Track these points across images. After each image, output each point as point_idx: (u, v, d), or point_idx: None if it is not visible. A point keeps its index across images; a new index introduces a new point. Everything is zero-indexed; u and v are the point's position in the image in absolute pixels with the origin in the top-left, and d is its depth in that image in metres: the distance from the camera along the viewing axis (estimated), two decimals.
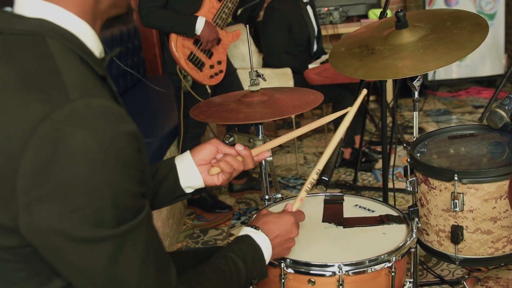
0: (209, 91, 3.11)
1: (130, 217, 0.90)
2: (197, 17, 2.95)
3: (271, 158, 1.91)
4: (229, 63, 3.32)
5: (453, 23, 1.81)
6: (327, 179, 1.65)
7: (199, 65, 3.04)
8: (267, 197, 1.93)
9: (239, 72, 3.42)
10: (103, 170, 0.85)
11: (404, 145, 1.87)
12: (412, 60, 1.68)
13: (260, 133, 1.86)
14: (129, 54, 4.42)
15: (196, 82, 3.06)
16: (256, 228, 1.31)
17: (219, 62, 3.13)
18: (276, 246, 1.32)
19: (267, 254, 1.28)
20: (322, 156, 1.51)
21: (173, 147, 3.31)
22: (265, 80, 1.89)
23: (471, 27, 1.76)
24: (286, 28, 3.81)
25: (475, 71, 5.38)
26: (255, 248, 1.26)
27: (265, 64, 4.03)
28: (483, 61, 5.33)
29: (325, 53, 4.10)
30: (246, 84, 3.43)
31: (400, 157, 3.89)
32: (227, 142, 1.90)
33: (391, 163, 2.92)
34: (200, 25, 2.95)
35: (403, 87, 4.56)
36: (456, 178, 1.55)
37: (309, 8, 3.94)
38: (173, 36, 2.97)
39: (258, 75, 1.87)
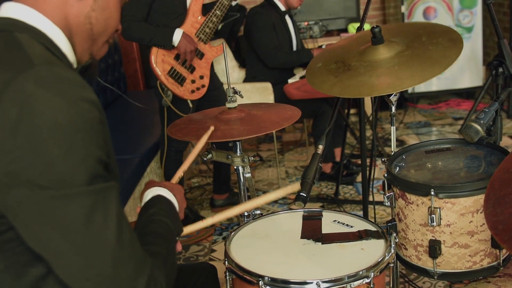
0: (190, 105, 3.11)
1: (99, 179, 0.93)
2: (174, 29, 2.97)
3: (249, 174, 1.92)
4: (214, 78, 3.33)
5: (429, 38, 1.83)
6: (305, 195, 1.65)
7: (180, 80, 3.04)
8: (246, 213, 1.93)
9: None
10: (70, 128, 0.88)
11: (382, 159, 1.89)
12: (388, 77, 1.69)
13: (238, 150, 1.86)
14: (110, 69, 4.41)
15: (176, 96, 3.06)
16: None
17: (201, 77, 3.13)
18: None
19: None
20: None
21: (153, 163, 3.30)
22: (242, 97, 1.89)
23: (447, 43, 1.78)
24: (271, 28, 3.82)
25: (454, 83, 5.43)
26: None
27: (247, 79, 4.04)
28: (462, 73, 5.39)
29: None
30: None
31: (382, 169, 3.90)
32: (205, 159, 1.90)
33: (372, 175, 2.93)
34: (177, 37, 2.97)
35: (384, 100, 4.60)
36: (432, 193, 1.55)
37: (287, 18, 3.97)
38: (153, 51, 2.99)
39: (235, 92, 1.88)
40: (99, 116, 0.94)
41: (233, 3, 3.27)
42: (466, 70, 5.39)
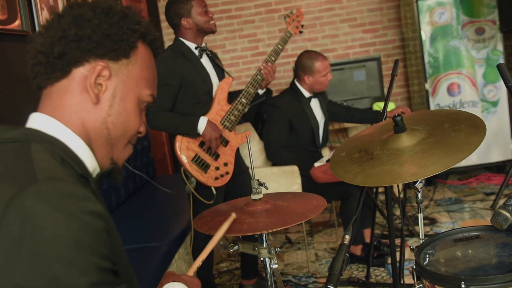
0: (214, 192, 3.11)
1: (105, 286, 0.93)
2: (199, 117, 3.03)
3: (276, 265, 1.90)
4: (240, 162, 3.35)
5: (451, 125, 1.84)
6: (333, 287, 1.62)
7: (204, 167, 3.08)
8: None
9: None
10: (71, 242, 0.89)
11: (411, 247, 1.86)
12: (410, 165, 1.69)
13: (264, 242, 1.85)
14: (138, 155, 4.49)
15: (200, 183, 3.08)
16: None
17: (226, 164, 3.15)
18: None
19: None
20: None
21: (181, 250, 3.29)
22: (267, 189, 1.90)
23: (469, 129, 1.79)
24: (286, 124, 3.87)
25: (484, 158, 5.38)
26: None
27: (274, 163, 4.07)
28: (490, 147, 5.35)
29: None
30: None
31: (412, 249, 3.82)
32: (231, 250, 1.90)
33: (402, 257, 2.87)
34: (202, 125, 3.02)
35: None
36: (463, 285, 1.51)
37: (314, 101, 3.99)
38: (178, 138, 3.05)
39: (260, 184, 1.89)
40: (103, 226, 0.95)
41: (260, 92, 3.34)
42: (494, 144, 5.36)
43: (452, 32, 5.27)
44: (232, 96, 3.25)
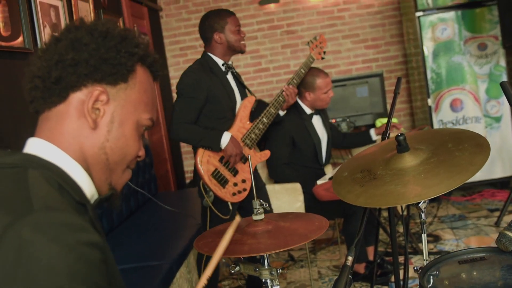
0: (230, 208, 3.14)
1: None
2: (223, 132, 3.07)
3: (278, 287, 1.87)
4: (257, 178, 3.39)
5: (455, 145, 1.82)
6: None
7: (222, 182, 3.11)
8: None
9: None
10: (67, 274, 0.86)
11: (415, 268, 1.84)
12: (414, 185, 1.67)
13: (266, 263, 1.83)
14: (140, 172, 4.47)
15: (218, 198, 3.09)
16: None
17: (243, 181, 3.19)
18: None
19: None
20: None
21: (183, 268, 3.26)
22: (269, 208, 1.88)
23: (473, 149, 1.77)
24: (289, 142, 3.87)
25: (487, 174, 5.35)
26: None
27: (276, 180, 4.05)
28: (494, 163, 5.32)
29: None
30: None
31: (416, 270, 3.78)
32: (232, 271, 1.87)
33: (406, 275, 2.84)
34: (225, 140, 3.06)
35: None
36: None
37: (316, 118, 3.98)
38: (199, 152, 3.09)
39: (262, 204, 1.87)
40: (100, 257, 0.93)
41: (281, 113, 3.44)
42: (498, 160, 5.33)
43: (455, 47, 5.26)
44: (254, 115, 3.30)
